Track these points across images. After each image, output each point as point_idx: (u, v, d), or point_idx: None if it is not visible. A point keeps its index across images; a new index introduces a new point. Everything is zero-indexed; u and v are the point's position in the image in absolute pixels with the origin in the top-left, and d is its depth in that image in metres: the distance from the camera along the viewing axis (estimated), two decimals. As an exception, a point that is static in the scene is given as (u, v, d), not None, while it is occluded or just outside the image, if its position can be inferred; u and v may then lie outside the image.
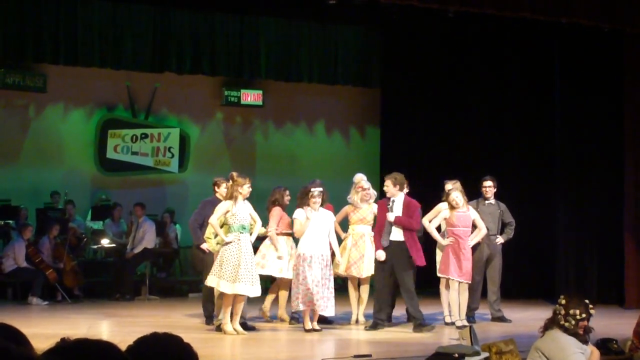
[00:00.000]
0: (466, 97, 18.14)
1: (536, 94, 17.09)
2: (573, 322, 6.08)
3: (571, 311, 6.11)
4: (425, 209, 12.97)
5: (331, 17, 18.75)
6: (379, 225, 12.16)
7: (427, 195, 13.72)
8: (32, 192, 18.04)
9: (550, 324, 6.29)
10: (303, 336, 12.03)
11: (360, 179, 13.16)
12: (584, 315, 6.11)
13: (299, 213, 12.32)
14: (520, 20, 15.63)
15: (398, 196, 12.12)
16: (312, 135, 20.51)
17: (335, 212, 12.90)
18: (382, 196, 13.01)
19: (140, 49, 18.15)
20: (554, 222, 16.24)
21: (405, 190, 12.48)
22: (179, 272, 18.49)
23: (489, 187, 13.60)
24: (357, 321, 12.91)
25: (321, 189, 12.46)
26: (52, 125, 18.80)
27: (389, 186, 12.17)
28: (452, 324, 12.65)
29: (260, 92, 19.69)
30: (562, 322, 6.10)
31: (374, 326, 12.16)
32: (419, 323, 12.07)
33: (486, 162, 17.12)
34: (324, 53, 19.49)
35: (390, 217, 11.97)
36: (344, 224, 13.26)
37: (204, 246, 12.46)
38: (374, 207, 12.70)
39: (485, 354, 8.64)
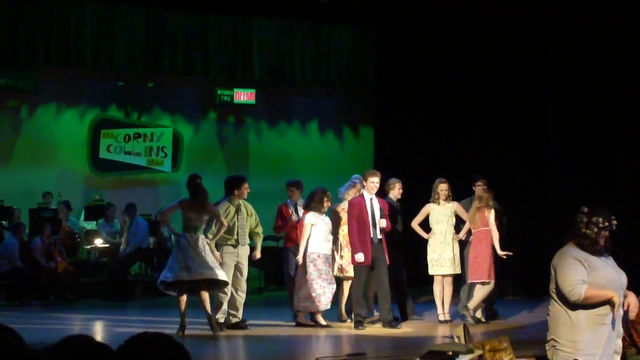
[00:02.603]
0: (460, 97, 18.13)
1: (530, 95, 17.09)
2: (595, 229, 5.95)
3: (594, 219, 5.98)
4: (418, 209, 13.08)
5: (324, 17, 18.78)
6: (361, 224, 12.05)
7: (419, 195, 13.73)
8: (25, 192, 18.00)
9: (568, 238, 6.16)
10: (297, 335, 12.03)
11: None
12: (606, 224, 6.00)
13: (310, 218, 12.39)
14: (514, 20, 15.67)
15: (372, 196, 12.19)
16: (305, 134, 20.51)
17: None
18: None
19: (132, 49, 18.15)
20: (547, 222, 16.24)
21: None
22: (172, 272, 18.43)
23: (479, 186, 13.60)
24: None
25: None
26: (44, 126, 18.79)
27: (377, 182, 12.23)
28: (446, 321, 12.71)
29: (253, 91, 19.66)
30: (583, 230, 5.97)
31: (358, 324, 12.12)
32: (389, 321, 12.10)
33: (480, 162, 17.12)
34: (317, 53, 19.50)
35: (383, 223, 12.04)
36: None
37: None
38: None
39: (479, 352, 8.63)
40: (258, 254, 12.53)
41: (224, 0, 18.16)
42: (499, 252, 12.66)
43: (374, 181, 12.24)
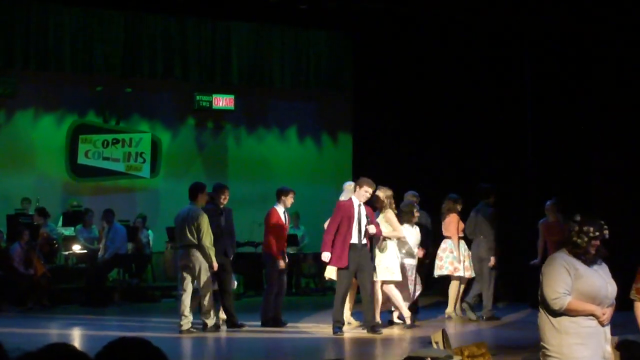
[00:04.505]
0: (438, 102, 18.16)
1: (508, 99, 17.13)
2: (586, 239, 5.98)
3: (585, 228, 6.02)
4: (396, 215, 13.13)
5: (303, 22, 18.81)
6: (344, 227, 12.07)
7: (397, 201, 13.76)
8: (3, 198, 17.92)
9: (562, 245, 6.21)
10: (277, 339, 12.04)
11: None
12: (597, 234, 6.03)
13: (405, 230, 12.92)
14: (491, 25, 15.71)
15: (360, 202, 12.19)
16: (284, 140, 20.50)
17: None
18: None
19: (111, 54, 18.12)
20: (527, 229, 16.22)
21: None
22: (151, 278, 18.40)
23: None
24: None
25: None
26: (22, 131, 18.70)
27: (370, 191, 12.18)
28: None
29: (232, 96, 19.65)
30: (574, 239, 6.03)
31: (337, 329, 12.12)
32: (372, 326, 12.11)
33: (459, 167, 17.18)
34: (296, 58, 19.53)
35: (372, 229, 12.01)
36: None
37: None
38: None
39: (457, 357, 8.65)
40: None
41: (202, 5, 18.13)
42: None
43: (368, 191, 12.22)
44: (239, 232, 14.07)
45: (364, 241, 12.06)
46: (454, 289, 14.05)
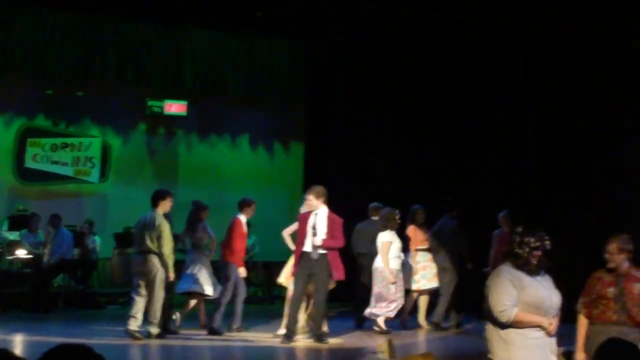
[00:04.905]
0: (390, 111, 18.19)
1: (464, 109, 17.17)
2: (527, 249, 6.07)
3: (526, 239, 6.10)
4: (351, 225, 13.11)
5: (257, 30, 18.74)
6: (301, 237, 12.15)
7: (350, 211, 13.76)
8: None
9: (505, 257, 6.28)
10: (222, 347, 11.97)
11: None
12: (538, 244, 6.10)
13: (389, 236, 13.47)
14: (446, 31, 15.74)
15: (321, 209, 12.12)
16: (236, 147, 20.42)
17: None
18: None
19: (62, 57, 17.88)
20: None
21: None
22: (97, 284, 18.21)
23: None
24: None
25: None
26: (-32, 134, 18.45)
27: (311, 200, 12.17)
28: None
29: (185, 103, 19.54)
30: (516, 250, 6.10)
31: (288, 338, 12.08)
32: (318, 335, 12.08)
33: (411, 176, 17.21)
34: (250, 65, 19.45)
35: (317, 241, 11.98)
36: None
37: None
38: None
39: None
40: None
41: (157, 10, 17.97)
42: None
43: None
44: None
45: (321, 250, 12.00)
46: (422, 300, 14.36)
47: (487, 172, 16.30)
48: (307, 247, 12.02)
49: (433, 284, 14.15)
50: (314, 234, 11.99)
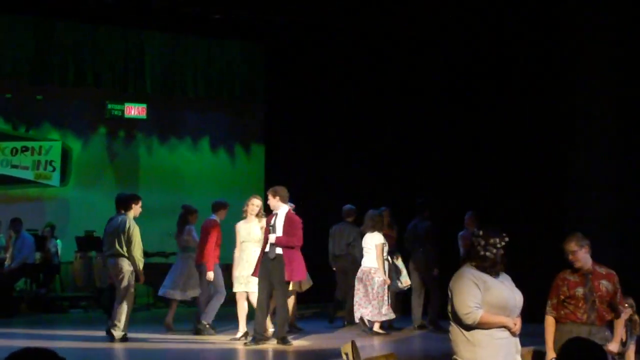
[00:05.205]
0: (351, 113, 18.26)
1: (418, 111, 17.27)
2: (494, 250, 6.09)
3: (491, 240, 6.13)
4: (311, 227, 13.15)
5: (217, 32, 18.74)
6: (264, 240, 12.21)
7: (311, 212, 13.81)
8: None
9: (466, 259, 6.28)
10: (185, 349, 11.99)
11: None
12: (503, 244, 6.16)
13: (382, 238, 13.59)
14: (400, 36, 15.82)
15: (281, 209, 12.18)
16: (196, 150, 20.38)
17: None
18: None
19: (21, 61, 17.78)
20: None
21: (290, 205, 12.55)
22: (59, 288, 18.13)
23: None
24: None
25: None
26: None
27: (270, 199, 12.25)
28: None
29: (145, 106, 19.47)
30: (482, 253, 6.13)
31: (254, 340, 12.12)
32: (282, 338, 12.14)
33: (372, 179, 17.29)
34: (209, 68, 19.43)
35: (272, 238, 12.05)
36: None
37: None
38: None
39: (366, 368, 8.70)
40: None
41: (116, 13, 17.91)
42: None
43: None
44: (149, 242, 14.01)
45: (278, 251, 12.05)
46: None
47: (446, 172, 16.42)
48: (267, 247, 12.10)
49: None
50: (273, 233, 12.08)
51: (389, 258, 13.74)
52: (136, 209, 12.49)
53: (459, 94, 16.38)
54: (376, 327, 13.41)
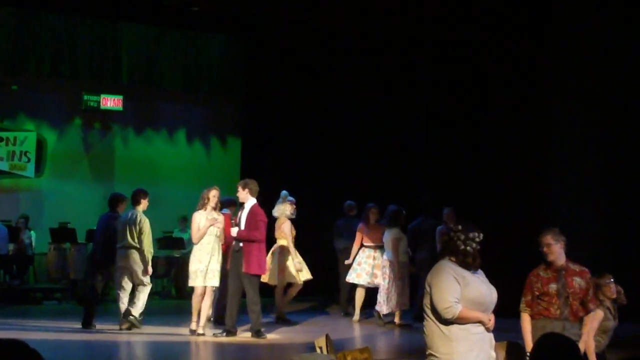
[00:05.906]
0: (329, 108, 18.28)
1: (400, 106, 17.30)
2: (474, 245, 6.15)
3: (470, 234, 6.17)
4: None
5: (195, 25, 18.67)
6: (226, 232, 12.44)
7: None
8: None
9: (443, 253, 6.30)
10: (166, 342, 11.98)
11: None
12: (481, 238, 6.21)
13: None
14: (384, 33, 15.84)
15: (248, 202, 12.21)
16: (172, 142, 20.30)
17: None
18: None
19: (-4, 51, 17.68)
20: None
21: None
22: (33, 280, 18.05)
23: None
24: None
25: None
26: None
27: (239, 191, 12.30)
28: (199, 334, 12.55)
29: (121, 97, 19.36)
30: (462, 247, 6.14)
31: (227, 333, 12.13)
32: (256, 330, 12.14)
33: (350, 172, 17.31)
34: (187, 61, 19.37)
35: (233, 232, 12.12)
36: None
37: None
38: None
39: (340, 363, 8.71)
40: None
41: (93, 3, 17.80)
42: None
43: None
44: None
45: (240, 245, 12.09)
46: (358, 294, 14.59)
47: (423, 169, 16.49)
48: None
49: (360, 280, 14.31)
50: (236, 226, 12.15)
51: (409, 251, 14.01)
52: (144, 203, 13.05)
53: (438, 89, 16.46)
54: (397, 319, 13.76)
